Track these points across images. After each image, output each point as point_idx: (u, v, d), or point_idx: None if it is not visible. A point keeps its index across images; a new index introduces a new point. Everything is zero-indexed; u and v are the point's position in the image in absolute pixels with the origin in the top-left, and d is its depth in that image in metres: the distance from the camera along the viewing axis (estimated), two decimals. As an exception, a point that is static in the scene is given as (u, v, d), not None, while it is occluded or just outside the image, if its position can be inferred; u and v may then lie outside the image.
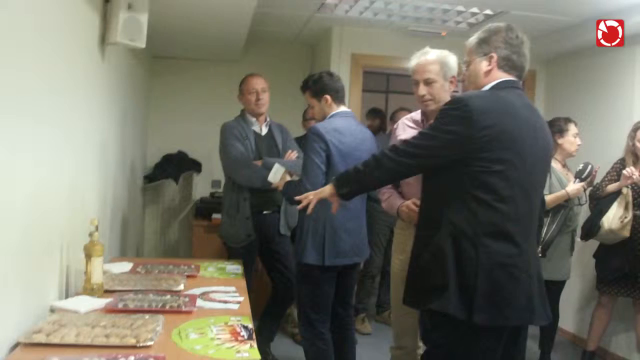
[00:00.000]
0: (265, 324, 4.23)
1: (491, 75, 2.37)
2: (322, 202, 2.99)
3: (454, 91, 3.06)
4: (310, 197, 2.68)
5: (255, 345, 2.14)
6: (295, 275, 3.61)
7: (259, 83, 4.01)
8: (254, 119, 4.03)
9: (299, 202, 2.75)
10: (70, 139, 2.76)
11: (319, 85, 3.44)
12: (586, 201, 4.23)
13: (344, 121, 3.39)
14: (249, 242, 3.91)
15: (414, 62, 3.04)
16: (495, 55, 2.35)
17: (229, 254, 4.02)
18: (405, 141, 2.41)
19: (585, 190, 4.03)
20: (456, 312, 2.19)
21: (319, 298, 3.42)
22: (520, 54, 2.38)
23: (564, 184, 4.05)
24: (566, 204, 4.01)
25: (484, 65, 2.38)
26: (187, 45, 5.50)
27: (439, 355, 2.39)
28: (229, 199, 3.98)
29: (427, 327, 2.45)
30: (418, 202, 2.94)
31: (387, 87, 8.22)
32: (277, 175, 3.43)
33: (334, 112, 3.43)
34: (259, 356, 2.05)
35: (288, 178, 3.43)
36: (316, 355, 3.45)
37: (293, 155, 3.98)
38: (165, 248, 6.19)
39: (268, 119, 4.11)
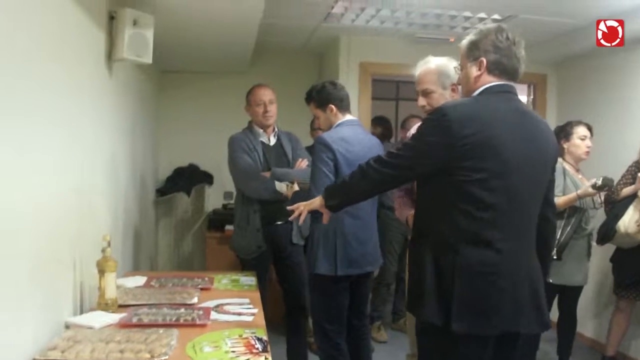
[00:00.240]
0: (292, 343, 4.20)
1: (481, 80, 2.32)
2: (331, 215, 3.03)
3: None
4: (301, 208, 2.68)
5: (270, 358, 2.13)
6: (308, 286, 3.59)
7: (266, 94, 3.98)
8: (261, 130, 4.01)
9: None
10: (80, 156, 2.77)
11: (322, 95, 3.45)
12: (601, 205, 4.20)
13: (350, 130, 3.41)
14: (260, 254, 3.89)
15: (415, 72, 3.06)
16: (484, 60, 2.29)
17: (243, 266, 4.01)
18: (388, 152, 2.37)
19: (600, 194, 3.98)
20: (433, 319, 2.19)
21: (333, 309, 3.41)
22: (511, 57, 2.30)
23: (578, 186, 4.02)
24: (580, 207, 3.98)
25: (474, 71, 2.33)
26: (195, 58, 5.52)
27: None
28: (240, 211, 3.97)
29: (417, 332, 2.45)
30: None
31: (397, 94, 8.21)
32: (282, 185, 3.46)
33: (340, 121, 3.44)
34: (274, 368, 2.05)
35: (296, 188, 3.44)
36: None
37: (303, 164, 3.95)
38: (180, 261, 6.20)
39: (276, 129, 4.08)
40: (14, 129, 1.91)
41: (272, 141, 4.05)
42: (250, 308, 2.82)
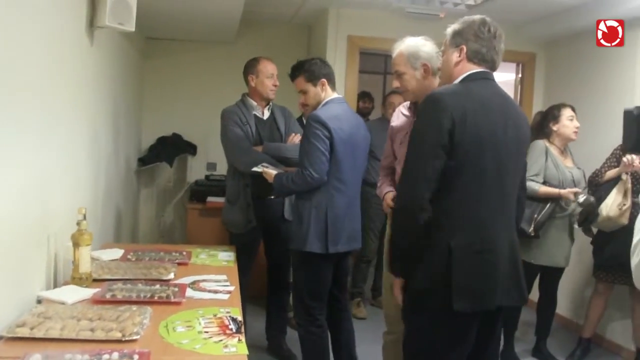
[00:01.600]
0: (273, 318, 4.24)
1: (461, 66, 2.44)
2: (323, 190, 3.21)
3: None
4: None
5: (243, 339, 2.09)
6: (293, 263, 3.56)
7: (275, 68, 3.92)
8: (255, 104, 3.94)
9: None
10: (58, 125, 2.70)
11: (314, 69, 3.43)
12: (585, 187, 4.20)
13: (339, 107, 3.41)
14: (251, 229, 3.87)
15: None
16: (465, 47, 2.41)
17: (231, 240, 3.97)
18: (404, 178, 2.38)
19: (577, 197, 3.99)
20: (434, 302, 2.31)
21: (318, 286, 3.44)
22: (490, 48, 2.42)
23: (560, 168, 4.06)
24: (560, 187, 4.03)
25: (454, 57, 2.45)
26: (181, 26, 5.41)
27: (419, 338, 2.44)
28: (231, 185, 3.94)
29: (407, 309, 2.48)
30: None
31: (385, 68, 8.15)
32: (257, 169, 3.54)
33: (329, 98, 3.43)
34: (246, 351, 2.01)
35: (271, 171, 3.44)
36: (313, 341, 3.47)
37: (296, 138, 3.89)
38: (161, 231, 6.15)
39: (271, 103, 4.01)
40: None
41: (266, 115, 3.99)
42: (227, 286, 2.78)
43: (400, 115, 3.21)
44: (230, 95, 4.14)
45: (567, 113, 4.16)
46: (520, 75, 5.91)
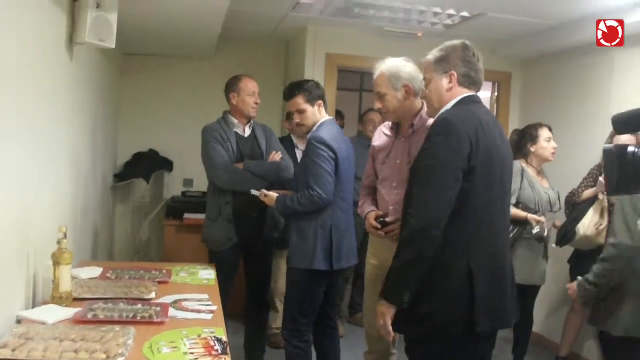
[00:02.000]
0: (252, 336, 4.21)
1: (453, 92, 2.49)
2: (328, 209, 3.28)
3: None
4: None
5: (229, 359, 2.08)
6: (289, 280, 3.54)
7: (256, 86, 3.92)
8: (236, 121, 3.92)
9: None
10: (37, 141, 2.66)
11: (317, 91, 3.48)
12: (560, 208, 4.24)
13: (335, 129, 3.49)
14: (231, 246, 3.83)
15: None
16: (455, 73, 2.47)
17: (211, 258, 3.93)
18: (415, 195, 2.34)
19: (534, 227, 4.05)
20: (454, 324, 2.31)
21: (312, 302, 3.47)
22: (477, 70, 2.51)
23: (536, 189, 4.10)
24: (534, 209, 4.09)
25: (445, 83, 2.49)
26: (159, 42, 5.39)
27: None
28: (211, 202, 3.91)
29: (415, 338, 2.46)
30: (381, 213, 3.04)
31: (361, 85, 8.19)
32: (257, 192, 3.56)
33: (324, 120, 3.48)
34: (233, 372, 2.00)
35: (272, 195, 3.50)
36: (299, 356, 3.48)
37: (277, 156, 3.92)
38: (137, 248, 6.09)
39: (252, 121, 4.01)
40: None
41: (247, 132, 3.97)
42: (209, 305, 2.76)
43: (382, 135, 3.24)
44: (208, 112, 4.14)
45: (544, 134, 4.19)
46: (496, 94, 5.98)
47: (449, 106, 2.47)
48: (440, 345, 2.38)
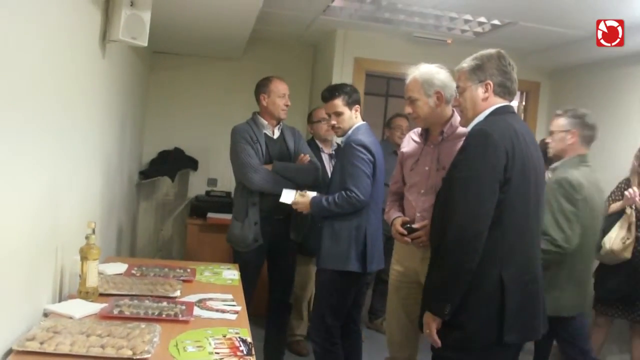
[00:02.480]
0: (272, 338, 4.21)
1: (488, 101, 2.48)
2: (363, 212, 3.33)
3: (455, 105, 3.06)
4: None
5: (254, 361, 2.08)
6: (320, 282, 3.58)
7: (286, 88, 3.92)
8: (266, 122, 3.92)
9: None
10: (70, 137, 2.69)
11: (355, 95, 3.54)
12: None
13: (371, 133, 3.54)
14: (256, 248, 3.84)
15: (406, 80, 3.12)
16: (491, 83, 2.46)
17: (235, 258, 3.92)
18: (454, 207, 2.34)
19: None
20: (484, 334, 2.32)
21: (342, 304, 3.51)
22: (512, 80, 2.51)
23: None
24: None
25: (480, 92, 2.49)
26: (189, 41, 5.42)
27: None
28: (238, 203, 3.91)
29: (443, 347, 2.44)
30: (407, 219, 3.03)
31: (387, 90, 8.17)
32: (288, 197, 3.59)
33: (359, 124, 3.54)
34: (258, 373, 2.00)
35: (300, 197, 3.54)
36: (328, 358, 3.52)
37: (305, 159, 3.93)
38: (159, 245, 6.12)
39: (281, 123, 4.00)
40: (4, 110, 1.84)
41: (276, 134, 3.98)
42: (233, 305, 2.75)
43: (410, 141, 3.23)
44: (234, 112, 4.15)
45: None
46: (524, 104, 5.94)
47: (482, 115, 2.47)
48: (468, 354, 2.38)
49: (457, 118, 3.00)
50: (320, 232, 3.51)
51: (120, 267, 3.23)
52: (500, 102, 2.47)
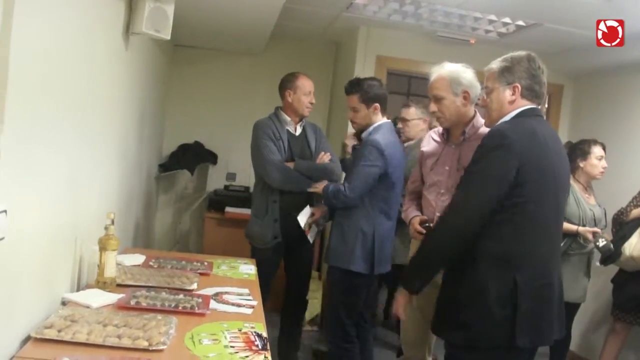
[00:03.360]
0: (287, 333, 4.21)
1: (515, 103, 2.46)
2: (371, 216, 3.34)
3: (477, 104, 3.03)
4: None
5: (269, 356, 2.08)
6: (332, 280, 3.58)
7: (312, 85, 3.91)
8: (289, 119, 3.91)
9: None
10: (92, 128, 2.71)
11: (372, 91, 3.47)
12: (605, 225, 4.15)
13: (391, 134, 3.49)
14: (275, 244, 3.84)
15: (430, 77, 3.07)
16: (519, 86, 2.44)
17: (253, 254, 3.92)
18: (458, 198, 2.43)
19: (597, 240, 3.94)
20: (497, 338, 2.31)
21: (354, 304, 3.51)
22: (541, 83, 2.48)
23: (581, 205, 3.99)
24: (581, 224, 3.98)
25: (507, 95, 2.47)
26: (211, 35, 5.43)
27: None
28: (258, 199, 3.91)
29: (457, 348, 2.46)
30: (425, 218, 3.02)
31: (408, 89, 8.13)
32: (302, 219, 3.71)
33: (379, 123, 3.49)
34: (272, 368, 2.00)
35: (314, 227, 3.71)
36: (344, 357, 3.53)
37: (326, 157, 3.91)
38: (176, 238, 6.14)
39: (303, 120, 3.99)
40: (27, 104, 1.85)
41: (298, 131, 3.96)
42: (250, 300, 2.76)
43: (431, 141, 3.21)
44: (254, 107, 4.14)
45: (597, 152, 4.09)
46: (546, 106, 5.89)
47: (507, 117, 2.45)
48: (479, 355, 2.37)
49: (479, 118, 2.98)
50: (330, 231, 3.55)
51: (138, 259, 3.25)
52: (527, 105, 2.45)
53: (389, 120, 3.56)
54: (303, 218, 3.71)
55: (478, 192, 2.33)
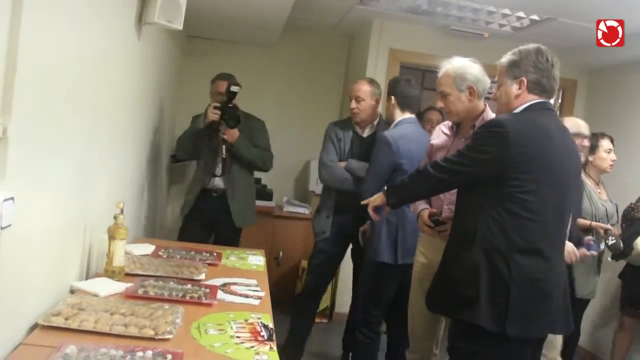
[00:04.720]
0: (298, 323, 4.26)
1: (521, 98, 2.46)
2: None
3: (487, 98, 3.02)
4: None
5: (274, 347, 2.09)
6: (365, 272, 3.72)
7: (354, 90, 3.95)
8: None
9: None
10: (103, 118, 2.72)
11: (391, 86, 3.68)
12: (617, 221, 4.12)
13: (409, 128, 3.60)
14: (324, 239, 3.99)
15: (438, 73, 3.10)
16: (525, 80, 2.45)
17: (315, 246, 4.14)
18: (445, 158, 2.54)
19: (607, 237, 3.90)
20: (487, 324, 2.30)
21: (383, 296, 3.62)
22: (550, 77, 2.46)
23: (593, 200, 3.96)
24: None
25: (514, 89, 2.48)
26: (224, 27, 5.42)
27: None
28: (320, 196, 4.14)
29: (456, 337, 2.51)
30: (434, 211, 3.07)
31: (422, 83, 8.10)
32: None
33: (399, 119, 3.63)
34: (278, 359, 2.00)
35: None
36: (368, 345, 3.68)
37: None
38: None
39: (375, 123, 4.03)
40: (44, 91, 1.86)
41: (366, 133, 4.03)
42: (257, 291, 2.77)
43: (440, 134, 3.20)
44: (267, 99, 4.12)
45: (605, 145, 4.05)
46: (560, 101, 5.85)
47: (516, 112, 2.45)
48: (481, 345, 2.38)
49: (489, 112, 2.97)
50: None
51: (147, 248, 3.26)
52: (535, 99, 2.44)
53: (412, 116, 3.67)
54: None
55: (463, 162, 2.42)
